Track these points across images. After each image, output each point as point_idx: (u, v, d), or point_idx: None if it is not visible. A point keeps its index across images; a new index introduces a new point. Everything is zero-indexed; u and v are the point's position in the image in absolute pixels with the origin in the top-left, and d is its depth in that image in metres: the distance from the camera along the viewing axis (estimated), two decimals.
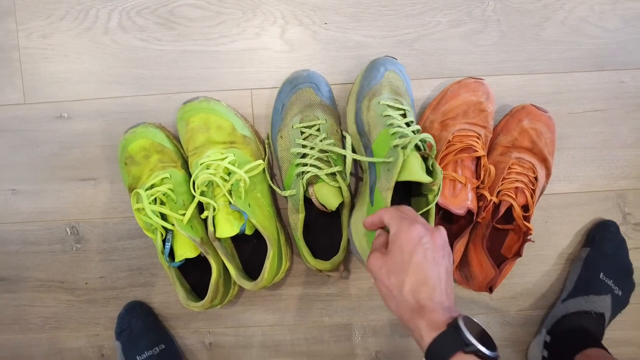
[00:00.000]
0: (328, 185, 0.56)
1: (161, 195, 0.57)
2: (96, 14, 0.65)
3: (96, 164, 0.66)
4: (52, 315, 0.69)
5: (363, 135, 0.58)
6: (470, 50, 0.64)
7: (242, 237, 0.61)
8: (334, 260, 0.56)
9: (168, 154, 0.61)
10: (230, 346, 0.69)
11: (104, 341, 0.69)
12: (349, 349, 0.69)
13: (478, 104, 0.59)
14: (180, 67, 0.65)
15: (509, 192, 0.58)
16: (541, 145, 0.61)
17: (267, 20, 0.64)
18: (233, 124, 0.60)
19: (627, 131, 0.65)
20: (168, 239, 0.58)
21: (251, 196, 0.58)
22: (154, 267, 0.68)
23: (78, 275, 0.68)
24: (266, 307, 0.68)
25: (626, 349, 0.69)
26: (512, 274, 0.67)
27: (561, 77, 0.64)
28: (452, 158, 0.57)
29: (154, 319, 0.67)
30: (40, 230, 0.68)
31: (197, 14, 0.64)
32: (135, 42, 0.65)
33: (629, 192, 0.66)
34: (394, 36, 0.64)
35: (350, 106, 0.60)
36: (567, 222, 0.67)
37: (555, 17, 0.64)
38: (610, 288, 0.63)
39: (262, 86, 0.65)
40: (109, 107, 0.66)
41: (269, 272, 0.56)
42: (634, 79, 0.64)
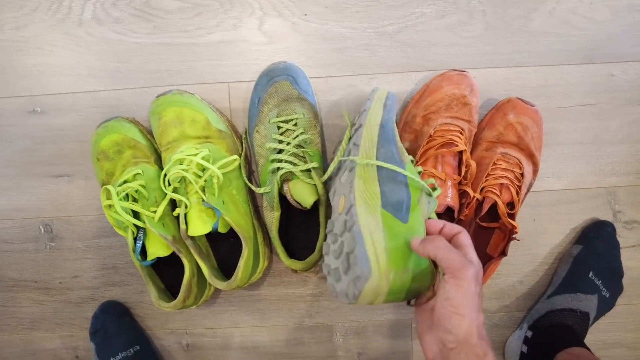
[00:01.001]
0: (303, 182, 0.54)
1: (133, 192, 0.56)
2: (69, 5, 0.63)
3: (71, 159, 0.65)
4: (26, 316, 0.67)
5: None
6: (455, 42, 0.62)
7: (219, 236, 0.59)
8: (309, 260, 0.54)
9: (141, 149, 0.59)
10: (208, 347, 0.67)
11: (78, 342, 0.67)
12: (330, 350, 0.67)
13: (461, 97, 0.57)
14: (156, 60, 0.63)
15: (493, 189, 0.56)
16: (527, 140, 0.59)
17: (244, 11, 0.62)
18: (207, 118, 0.58)
19: (617, 126, 0.63)
20: (139, 237, 0.57)
21: (226, 193, 0.56)
22: (130, 266, 0.66)
23: (52, 275, 0.66)
24: (245, 308, 0.66)
25: (617, 350, 0.67)
26: (499, 273, 0.65)
27: (549, 70, 0.62)
28: (433, 153, 0.55)
29: (129, 319, 0.65)
30: (13, 228, 0.66)
31: (173, 5, 0.62)
32: (111, 35, 0.63)
33: (620, 189, 0.64)
34: (375, 27, 0.62)
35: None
36: (556, 220, 0.65)
37: (542, 8, 0.62)
38: (598, 288, 0.61)
39: (240, 79, 0.63)
40: (83, 102, 0.64)
41: (243, 271, 0.54)
42: (624, 72, 0.62)
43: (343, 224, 0.44)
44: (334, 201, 0.50)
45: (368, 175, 0.46)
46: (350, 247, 0.41)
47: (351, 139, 0.53)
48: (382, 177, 0.46)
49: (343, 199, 0.47)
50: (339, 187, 0.50)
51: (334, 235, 0.46)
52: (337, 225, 0.46)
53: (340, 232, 0.45)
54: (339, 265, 0.43)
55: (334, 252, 0.45)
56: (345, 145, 0.54)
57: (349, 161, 0.50)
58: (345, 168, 0.51)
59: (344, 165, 0.51)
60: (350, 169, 0.48)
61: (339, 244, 0.44)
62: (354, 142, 0.51)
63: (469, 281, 0.37)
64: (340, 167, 0.53)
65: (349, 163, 0.50)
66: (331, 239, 0.47)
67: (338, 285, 0.42)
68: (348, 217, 0.44)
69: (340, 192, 0.48)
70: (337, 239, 0.45)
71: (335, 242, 0.46)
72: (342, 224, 0.45)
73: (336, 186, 0.51)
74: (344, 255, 0.42)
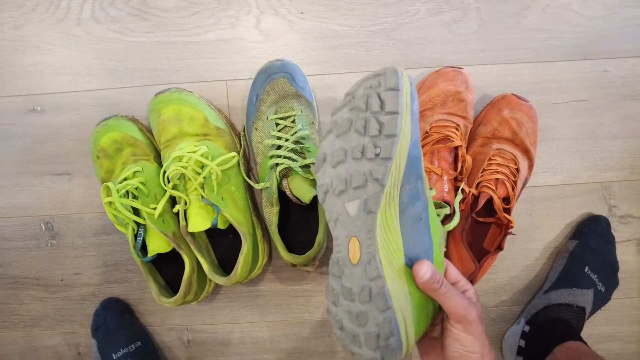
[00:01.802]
0: (302, 177, 0.54)
1: (132, 189, 0.56)
2: (68, 4, 0.63)
3: (70, 157, 0.65)
4: (27, 313, 0.68)
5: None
6: (450, 39, 0.62)
7: (218, 232, 0.60)
8: (308, 254, 0.54)
9: (140, 147, 0.59)
10: (208, 343, 0.68)
11: (80, 339, 0.68)
12: (329, 345, 0.67)
13: (457, 94, 0.58)
14: (154, 58, 0.64)
15: (488, 184, 0.57)
16: (522, 136, 0.59)
17: (241, 10, 0.63)
18: (206, 116, 0.58)
19: (611, 121, 0.64)
20: (140, 234, 0.57)
21: (225, 189, 0.57)
22: (130, 263, 0.66)
23: (53, 272, 0.67)
24: (244, 304, 0.67)
25: (612, 344, 0.68)
26: (496, 268, 0.66)
27: (543, 67, 0.63)
28: (429, 149, 0.55)
29: (130, 315, 0.66)
30: (14, 226, 0.66)
31: (171, 4, 0.63)
32: (109, 34, 0.64)
33: (614, 184, 0.65)
34: (371, 25, 0.62)
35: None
36: (552, 215, 0.66)
37: (536, 4, 0.62)
38: (594, 283, 0.61)
39: (237, 77, 0.63)
40: (82, 100, 0.64)
41: (242, 267, 0.55)
42: (617, 67, 0.63)
43: (366, 289, 0.37)
44: (338, 235, 0.40)
45: (390, 220, 0.38)
46: (382, 332, 0.37)
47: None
48: (405, 222, 0.38)
49: (356, 244, 0.39)
50: (345, 219, 0.39)
51: (346, 291, 0.39)
52: (352, 280, 0.39)
53: (361, 296, 0.38)
54: (360, 334, 0.38)
55: (349, 314, 0.39)
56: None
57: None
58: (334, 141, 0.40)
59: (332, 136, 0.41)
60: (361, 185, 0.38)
61: (359, 312, 0.38)
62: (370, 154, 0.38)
63: (475, 324, 0.37)
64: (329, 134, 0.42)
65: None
66: (342, 292, 0.39)
67: (355, 348, 0.39)
68: (373, 284, 0.37)
69: (349, 229, 0.39)
70: (353, 299, 0.38)
71: (351, 300, 0.39)
72: (361, 285, 0.38)
73: (337, 209, 0.40)
74: (373, 337, 0.37)
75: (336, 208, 0.40)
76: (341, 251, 0.40)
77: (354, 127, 0.39)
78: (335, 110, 0.42)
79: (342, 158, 0.39)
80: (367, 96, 0.38)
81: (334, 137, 0.41)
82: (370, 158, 0.37)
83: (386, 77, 0.37)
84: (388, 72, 0.37)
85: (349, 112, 0.40)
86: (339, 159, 0.39)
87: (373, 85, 0.38)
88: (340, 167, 0.39)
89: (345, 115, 0.40)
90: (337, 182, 0.40)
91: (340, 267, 0.40)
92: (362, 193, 0.38)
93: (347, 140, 0.39)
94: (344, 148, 0.39)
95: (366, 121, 0.38)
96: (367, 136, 0.38)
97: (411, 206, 0.38)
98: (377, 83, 0.38)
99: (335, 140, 0.40)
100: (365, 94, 0.38)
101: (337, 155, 0.40)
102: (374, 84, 0.38)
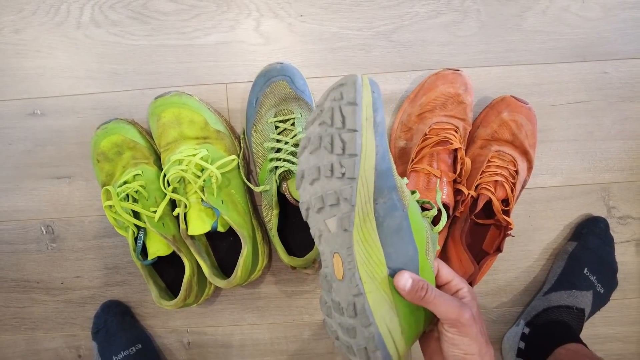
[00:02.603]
0: None
1: (133, 192, 0.56)
2: (68, 8, 0.63)
3: (71, 161, 0.65)
4: (28, 316, 0.68)
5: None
6: (450, 41, 0.63)
7: (218, 235, 0.60)
8: (308, 257, 0.55)
9: (140, 150, 0.59)
10: (208, 345, 0.68)
11: (81, 341, 0.68)
12: (330, 347, 0.68)
13: (456, 96, 0.58)
14: (154, 62, 0.64)
15: (487, 186, 0.57)
16: (522, 138, 0.59)
17: (241, 13, 0.63)
18: (206, 119, 0.58)
19: (610, 123, 0.64)
20: (140, 237, 0.57)
21: (225, 192, 0.57)
22: (130, 266, 0.66)
23: (54, 275, 0.67)
24: (245, 306, 0.67)
25: (612, 344, 0.68)
26: (496, 269, 0.66)
27: (543, 68, 0.63)
28: (428, 151, 0.55)
29: (130, 318, 0.66)
30: (15, 229, 0.66)
31: (170, 7, 0.63)
32: (109, 37, 0.64)
33: (613, 185, 0.65)
34: (370, 28, 0.62)
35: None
36: (551, 217, 0.66)
37: (536, 6, 0.62)
38: (593, 284, 0.62)
39: (237, 80, 0.63)
40: (82, 103, 0.65)
41: (242, 269, 0.55)
42: (616, 69, 0.63)
43: (351, 305, 0.38)
44: (324, 251, 0.40)
45: (367, 235, 0.37)
46: (369, 346, 0.37)
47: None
48: (385, 235, 0.38)
49: (339, 260, 0.38)
50: (327, 235, 0.39)
51: (336, 305, 0.39)
52: (339, 295, 0.39)
53: (347, 310, 0.38)
54: (353, 345, 0.39)
55: (341, 327, 0.39)
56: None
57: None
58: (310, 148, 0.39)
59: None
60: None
61: (349, 326, 0.38)
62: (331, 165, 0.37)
63: (469, 325, 0.37)
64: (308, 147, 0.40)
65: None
66: (333, 306, 0.40)
67: (351, 357, 0.40)
68: (356, 300, 0.37)
69: (332, 245, 0.39)
70: (342, 312, 0.39)
71: (341, 313, 0.39)
72: (347, 301, 0.38)
73: (319, 226, 0.39)
74: (362, 349, 0.38)
75: (318, 225, 0.39)
76: (328, 266, 0.40)
77: (323, 143, 0.38)
78: (307, 124, 0.40)
79: (316, 175, 0.38)
80: (331, 110, 0.37)
81: (308, 154, 0.39)
82: (338, 177, 0.37)
83: (347, 88, 0.36)
84: (348, 83, 0.36)
85: (319, 127, 0.38)
86: (314, 176, 0.38)
87: (336, 97, 0.37)
88: (316, 185, 0.39)
89: (316, 130, 0.39)
90: (315, 200, 0.39)
91: (329, 282, 0.40)
92: (337, 211, 0.37)
93: (319, 157, 0.38)
94: (317, 165, 0.38)
95: (332, 138, 0.37)
96: (334, 154, 0.37)
97: (389, 218, 0.38)
98: (340, 95, 0.36)
99: (310, 156, 0.39)
100: (330, 107, 0.37)
101: (312, 172, 0.39)
102: (336, 97, 0.37)
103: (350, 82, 0.36)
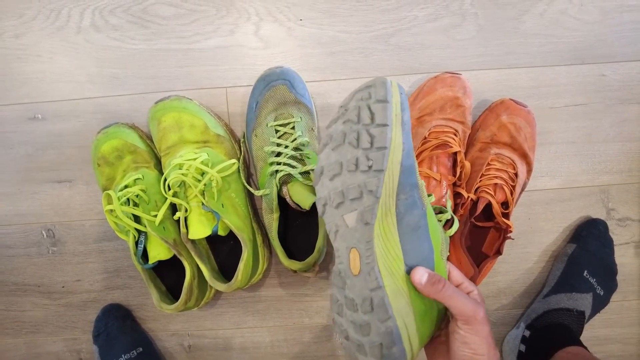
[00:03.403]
0: (302, 184, 0.55)
1: (133, 197, 0.56)
2: (68, 13, 0.64)
3: (71, 165, 0.66)
4: (29, 320, 0.68)
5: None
6: (448, 45, 0.63)
7: (218, 238, 0.60)
8: (308, 260, 0.55)
9: (141, 154, 0.60)
10: (209, 348, 0.68)
11: (82, 345, 0.68)
12: (330, 350, 0.68)
13: (455, 99, 0.58)
14: (154, 66, 0.64)
15: (487, 189, 0.57)
16: (521, 140, 0.60)
17: (241, 17, 0.63)
18: (206, 123, 0.59)
19: (608, 125, 0.64)
20: (141, 241, 0.57)
21: (225, 196, 0.57)
22: (131, 269, 0.67)
23: (55, 279, 0.67)
24: (245, 309, 0.67)
25: (612, 346, 0.68)
26: (495, 272, 0.66)
27: (541, 71, 0.63)
28: (428, 154, 0.56)
29: (131, 321, 0.66)
30: (16, 233, 0.67)
31: (170, 12, 0.63)
32: (109, 42, 0.64)
33: (612, 187, 0.65)
34: (369, 32, 0.63)
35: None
36: (551, 219, 0.66)
37: (534, 9, 0.63)
38: (593, 287, 0.62)
39: (237, 84, 0.64)
40: (83, 108, 0.65)
41: (242, 273, 0.55)
42: (614, 72, 0.63)
43: (367, 300, 0.38)
44: (339, 247, 0.41)
45: (387, 230, 0.38)
46: (385, 341, 0.37)
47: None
48: (403, 231, 0.38)
49: (356, 255, 0.39)
50: (344, 231, 0.40)
51: (349, 301, 0.39)
52: (354, 291, 0.39)
53: (363, 306, 0.38)
54: (365, 343, 0.39)
55: (354, 324, 0.39)
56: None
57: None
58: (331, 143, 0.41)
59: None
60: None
61: (362, 322, 0.39)
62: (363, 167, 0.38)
63: (482, 324, 0.37)
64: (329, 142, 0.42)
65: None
66: (346, 303, 0.40)
67: (361, 357, 0.40)
68: (374, 295, 0.37)
69: (348, 240, 0.39)
70: (356, 309, 0.39)
71: (354, 310, 0.39)
72: (363, 296, 0.38)
73: (336, 221, 0.40)
74: (377, 346, 0.38)
75: (335, 220, 0.40)
76: (342, 262, 0.40)
77: (347, 139, 0.39)
78: (330, 123, 0.42)
79: (338, 171, 0.40)
80: (358, 108, 0.39)
81: (329, 150, 0.41)
82: (363, 170, 0.38)
83: (376, 88, 0.38)
84: (377, 84, 0.38)
85: (343, 125, 0.40)
86: (335, 171, 0.40)
87: (364, 97, 0.39)
88: (336, 180, 0.40)
89: (340, 128, 0.40)
90: (334, 195, 0.40)
91: (342, 278, 0.40)
92: (358, 205, 0.38)
93: (341, 153, 0.40)
94: (340, 161, 0.40)
95: (358, 134, 0.38)
96: (360, 149, 0.38)
97: (408, 215, 0.39)
98: (368, 95, 0.38)
99: (331, 153, 0.41)
100: (357, 106, 0.39)
101: (333, 168, 0.40)
102: (364, 96, 0.39)
103: (380, 83, 0.38)
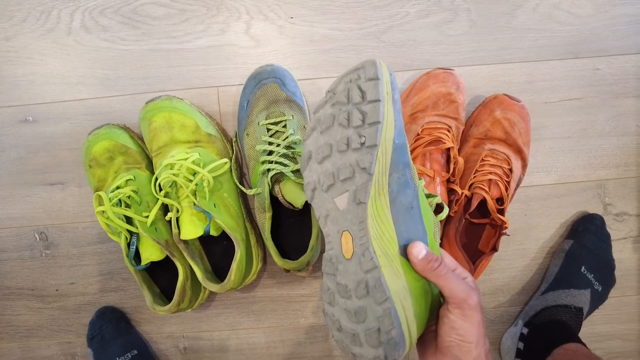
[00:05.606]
0: (294, 182, 0.54)
1: (125, 198, 0.56)
2: (58, 14, 0.63)
3: (63, 167, 0.65)
4: (23, 324, 0.67)
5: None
6: (441, 41, 0.62)
7: (212, 239, 0.59)
8: (302, 259, 0.54)
9: (132, 155, 0.59)
10: (204, 350, 0.67)
11: (76, 348, 0.68)
12: (326, 350, 0.67)
13: (448, 95, 0.58)
14: (145, 66, 0.63)
15: (481, 185, 0.56)
16: (515, 136, 0.59)
17: (231, 16, 0.63)
18: (197, 122, 0.58)
19: (604, 119, 0.64)
20: (133, 242, 0.57)
21: (217, 196, 0.57)
22: (125, 272, 0.66)
23: (48, 282, 0.67)
24: (240, 310, 0.66)
25: (611, 342, 0.67)
26: (492, 269, 0.66)
27: (535, 66, 0.63)
28: (421, 151, 0.55)
29: (125, 324, 0.66)
30: (8, 236, 0.66)
31: (160, 12, 0.63)
32: (99, 43, 0.64)
33: (609, 182, 0.65)
34: (361, 29, 0.62)
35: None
36: (547, 215, 0.65)
37: (527, 4, 0.62)
38: (591, 283, 0.61)
39: (228, 83, 0.63)
40: (74, 109, 0.64)
41: (235, 273, 0.54)
42: (609, 66, 0.63)
43: (362, 283, 0.37)
44: (329, 232, 0.40)
45: (380, 210, 0.37)
46: (383, 325, 0.36)
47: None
48: (397, 211, 0.38)
49: (348, 238, 0.38)
50: (335, 214, 0.39)
51: (342, 288, 0.38)
52: (347, 276, 0.38)
53: (357, 291, 0.37)
54: (360, 332, 0.37)
55: (347, 312, 0.38)
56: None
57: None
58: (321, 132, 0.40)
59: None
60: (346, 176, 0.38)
61: (357, 308, 0.37)
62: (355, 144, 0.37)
63: (475, 310, 0.36)
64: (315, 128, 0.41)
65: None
66: (338, 290, 0.39)
67: (355, 348, 0.38)
68: (369, 277, 0.36)
69: (340, 223, 0.38)
70: (349, 295, 0.38)
71: (347, 297, 0.38)
72: (357, 280, 0.37)
73: (326, 205, 0.40)
74: (374, 332, 0.36)
75: (325, 204, 0.40)
76: (334, 248, 0.39)
77: (337, 121, 0.39)
78: (317, 108, 0.42)
79: (327, 153, 0.39)
80: (347, 90, 0.38)
81: (317, 134, 0.41)
82: (355, 148, 0.37)
83: (365, 69, 0.37)
84: (367, 65, 0.38)
85: (331, 108, 0.40)
86: (325, 154, 0.39)
87: (353, 78, 0.38)
88: (326, 162, 0.39)
89: (328, 112, 0.40)
90: (324, 178, 0.39)
91: (334, 264, 0.39)
92: (350, 185, 0.37)
93: (331, 135, 0.39)
94: (329, 143, 0.39)
95: (349, 113, 0.38)
96: (351, 127, 0.37)
97: (401, 195, 0.38)
98: (357, 76, 0.38)
99: (320, 136, 0.40)
100: (346, 88, 0.38)
101: (322, 150, 0.39)
102: (353, 78, 0.38)
103: (369, 64, 0.37)
